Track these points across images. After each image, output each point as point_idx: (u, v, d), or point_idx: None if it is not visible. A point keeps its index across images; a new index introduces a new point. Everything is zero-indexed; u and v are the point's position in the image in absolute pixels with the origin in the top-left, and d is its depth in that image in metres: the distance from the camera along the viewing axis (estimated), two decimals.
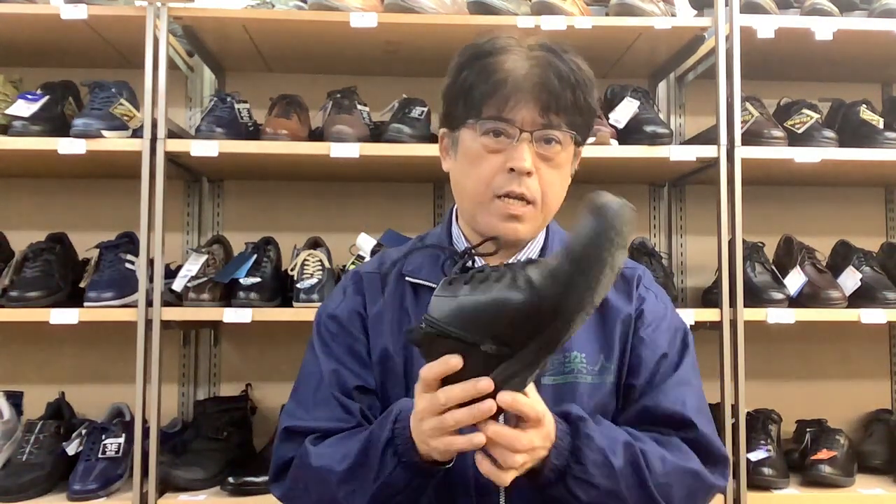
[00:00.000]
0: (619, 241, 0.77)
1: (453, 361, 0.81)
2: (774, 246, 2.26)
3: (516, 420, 0.85)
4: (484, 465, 0.85)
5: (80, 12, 1.91)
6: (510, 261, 1.03)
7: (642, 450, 0.96)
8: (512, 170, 1.00)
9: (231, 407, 2.13)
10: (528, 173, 1.00)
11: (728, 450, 1.64)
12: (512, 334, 0.80)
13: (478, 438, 0.83)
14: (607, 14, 2.07)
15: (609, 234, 0.76)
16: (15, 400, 2.07)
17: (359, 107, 2.11)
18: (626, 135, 2.04)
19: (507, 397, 0.82)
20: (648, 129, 2.01)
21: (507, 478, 0.86)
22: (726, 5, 2.04)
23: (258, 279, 1.96)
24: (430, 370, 0.84)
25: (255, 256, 2.03)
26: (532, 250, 1.10)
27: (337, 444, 1.00)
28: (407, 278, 1.09)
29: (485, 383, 0.81)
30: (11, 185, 2.31)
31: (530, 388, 0.86)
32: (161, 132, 1.91)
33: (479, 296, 0.81)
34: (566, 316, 0.79)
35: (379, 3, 2.03)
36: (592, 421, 0.95)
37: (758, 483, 1.94)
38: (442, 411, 0.83)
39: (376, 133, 2.08)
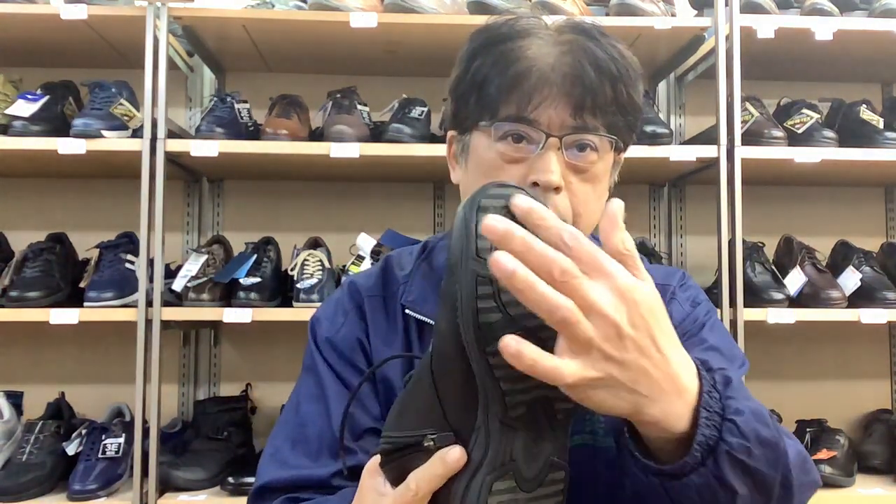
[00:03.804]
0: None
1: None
2: (774, 246, 2.26)
3: None
4: (523, 350, 0.52)
5: (80, 12, 1.91)
6: None
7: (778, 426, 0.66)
8: (536, 184, 0.79)
9: (231, 407, 2.13)
10: (557, 188, 0.79)
11: None
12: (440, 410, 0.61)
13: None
14: (607, 14, 2.08)
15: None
16: (15, 400, 2.06)
17: (359, 107, 2.11)
18: None
19: (522, 200, 0.55)
20: (648, 129, 2.01)
21: (562, 367, 0.53)
22: (726, 5, 2.04)
23: (258, 279, 1.96)
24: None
25: (255, 256, 2.03)
26: None
27: None
28: (407, 311, 0.89)
29: (457, 454, 0.58)
30: (11, 185, 2.30)
31: None
32: (161, 132, 1.91)
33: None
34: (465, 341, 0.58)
35: (379, 3, 2.03)
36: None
37: None
38: None
39: (376, 133, 2.08)
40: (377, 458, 0.64)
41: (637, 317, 0.54)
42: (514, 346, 0.51)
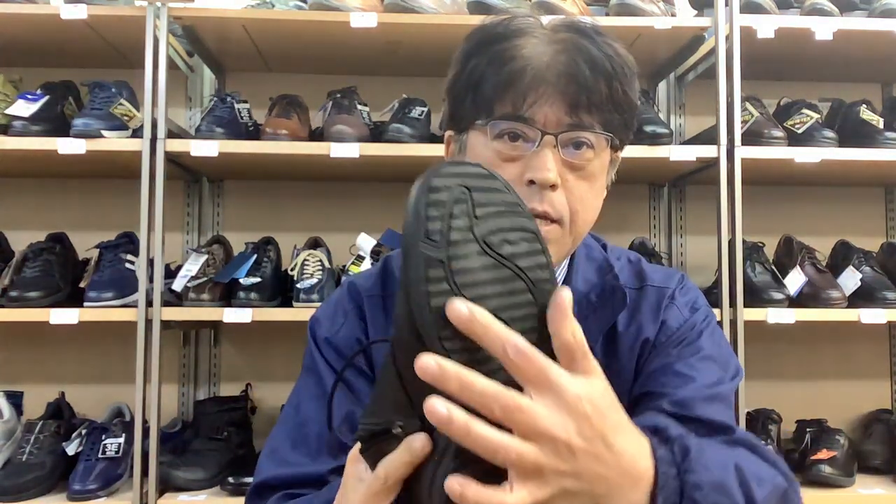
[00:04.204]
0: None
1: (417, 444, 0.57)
2: (774, 246, 2.26)
3: None
4: (466, 494, 0.50)
5: (80, 12, 1.91)
6: None
7: (747, 474, 0.68)
8: (532, 182, 0.80)
9: (231, 407, 2.13)
10: (553, 186, 0.80)
11: None
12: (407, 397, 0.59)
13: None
14: (607, 14, 2.08)
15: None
16: (15, 400, 2.07)
17: (359, 107, 2.11)
18: None
19: (461, 307, 0.51)
20: (648, 129, 2.01)
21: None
22: (726, 5, 2.04)
23: (258, 279, 1.96)
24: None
25: (255, 256, 2.03)
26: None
27: None
28: None
29: (422, 441, 0.57)
30: (11, 185, 2.30)
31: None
32: (161, 132, 1.91)
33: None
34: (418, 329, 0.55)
35: (379, 3, 2.03)
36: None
37: None
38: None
39: (376, 133, 2.08)
40: (359, 446, 0.64)
41: (588, 427, 0.52)
42: (458, 491, 0.49)
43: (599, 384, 0.55)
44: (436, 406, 0.49)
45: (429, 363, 0.50)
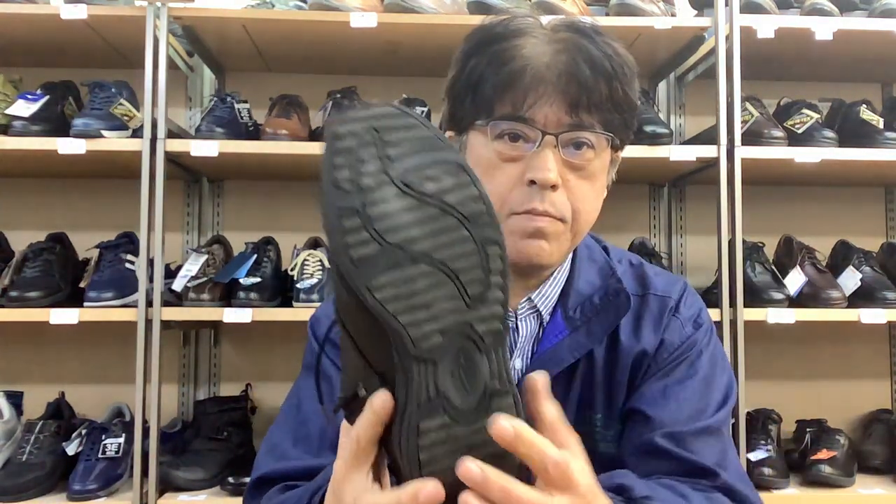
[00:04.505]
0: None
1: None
2: (774, 246, 2.26)
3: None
4: None
5: (80, 12, 1.91)
6: (534, 295, 0.88)
7: None
8: (533, 182, 0.79)
9: (231, 407, 2.13)
10: (554, 186, 0.80)
11: None
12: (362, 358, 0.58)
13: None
14: (607, 14, 2.08)
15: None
16: (15, 400, 2.06)
17: None
18: None
19: (505, 425, 0.53)
20: (648, 129, 2.01)
21: None
22: (726, 5, 2.04)
23: (258, 279, 1.96)
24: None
25: (255, 256, 2.03)
26: (558, 280, 0.89)
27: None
28: None
29: (380, 398, 0.56)
30: (11, 185, 2.30)
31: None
32: (161, 132, 1.91)
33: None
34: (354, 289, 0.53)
35: (379, 3, 2.03)
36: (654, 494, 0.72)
37: (757, 483, 1.93)
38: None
39: None
40: None
41: None
42: None
43: (582, 460, 0.58)
44: None
45: (472, 470, 0.52)
